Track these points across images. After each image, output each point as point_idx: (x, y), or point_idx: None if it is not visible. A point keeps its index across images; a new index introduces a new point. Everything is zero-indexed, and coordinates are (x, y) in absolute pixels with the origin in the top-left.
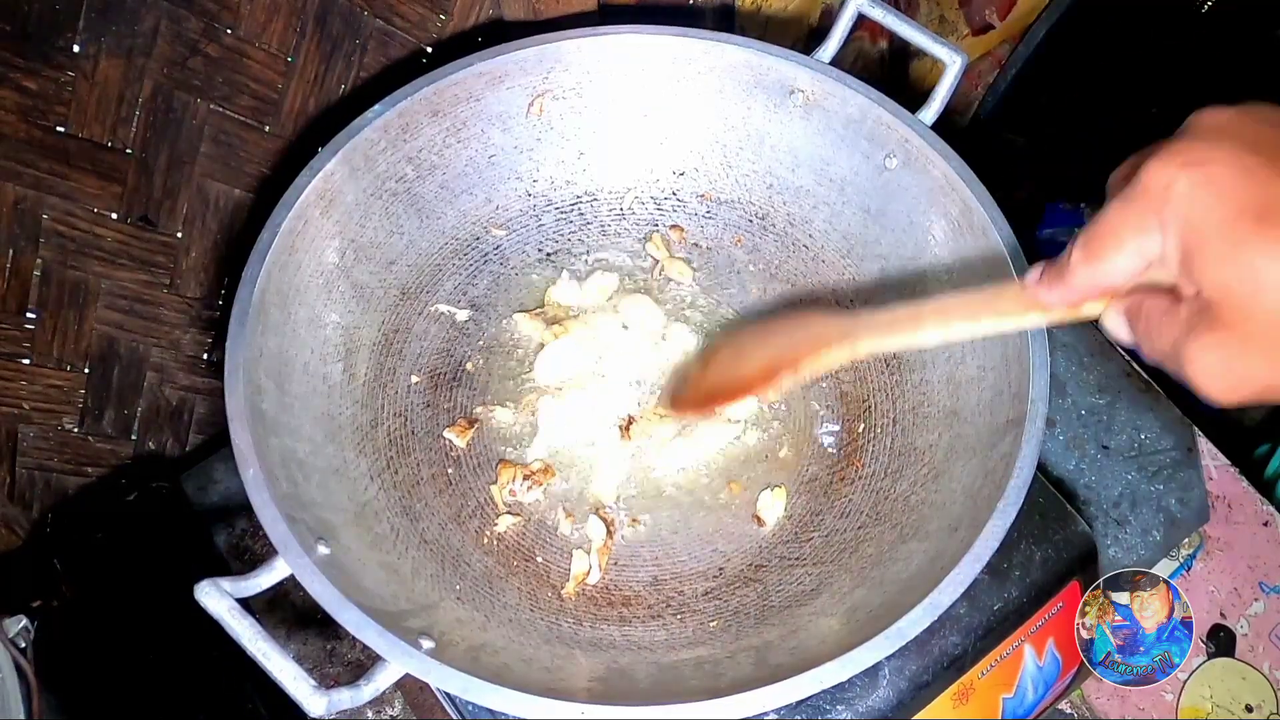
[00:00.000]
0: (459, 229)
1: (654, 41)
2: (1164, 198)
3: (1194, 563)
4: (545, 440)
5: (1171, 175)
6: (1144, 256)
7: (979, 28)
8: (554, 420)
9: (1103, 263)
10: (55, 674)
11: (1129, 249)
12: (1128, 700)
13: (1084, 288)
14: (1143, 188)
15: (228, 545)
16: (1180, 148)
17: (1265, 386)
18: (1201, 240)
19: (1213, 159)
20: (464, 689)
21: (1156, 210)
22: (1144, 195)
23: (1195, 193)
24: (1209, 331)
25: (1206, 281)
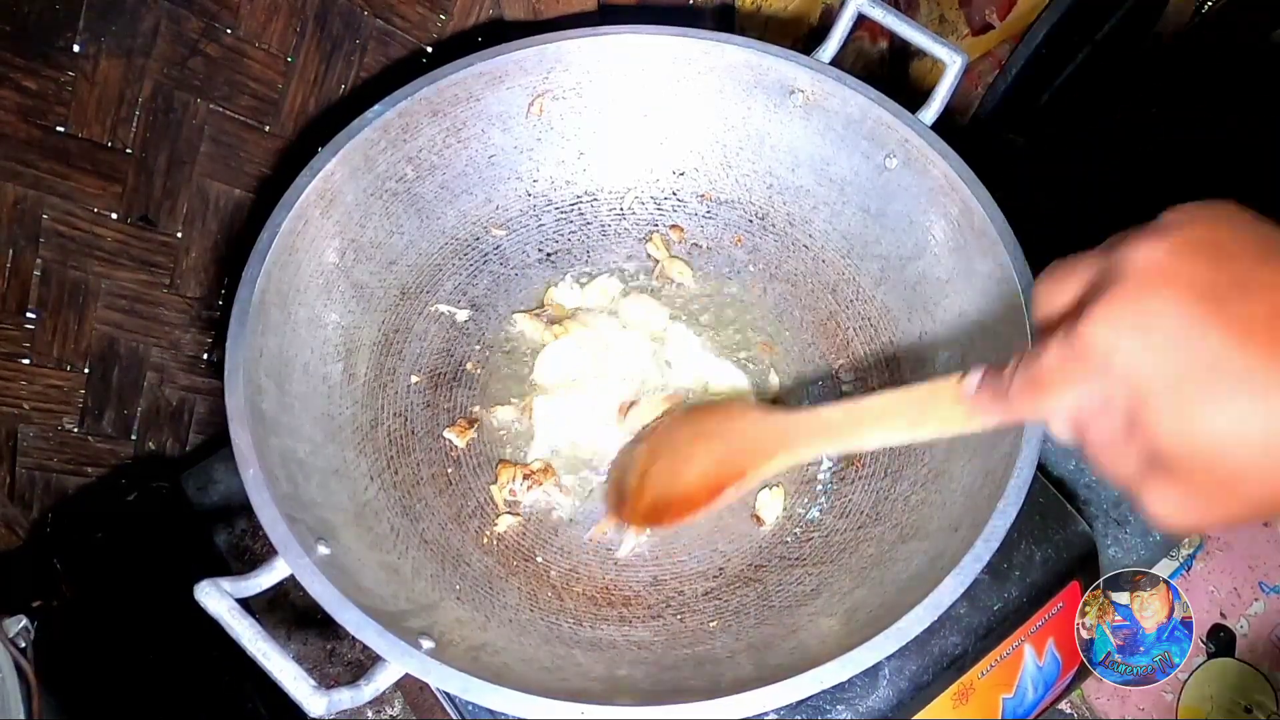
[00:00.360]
0: (459, 229)
1: (654, 41)
2: (1108, 360)
3: (1194, 563)
4: (545, 440)
5: (1115, 338)
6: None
7: (979, 28)
8: (552, 420)
9: (1044, 401)
10: (55, 674)
11: (1071, 395)
12: (1128, 700)
13: (1024, 415)
14: (1086, 344)
15: (228, 545)
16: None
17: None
18: (1148, 402)
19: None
20: (464, 689)
21: (1100, 369)
22: (1088, 353)
23: (1141, 356)
24: (1164, 482)
25: (1159, 440)
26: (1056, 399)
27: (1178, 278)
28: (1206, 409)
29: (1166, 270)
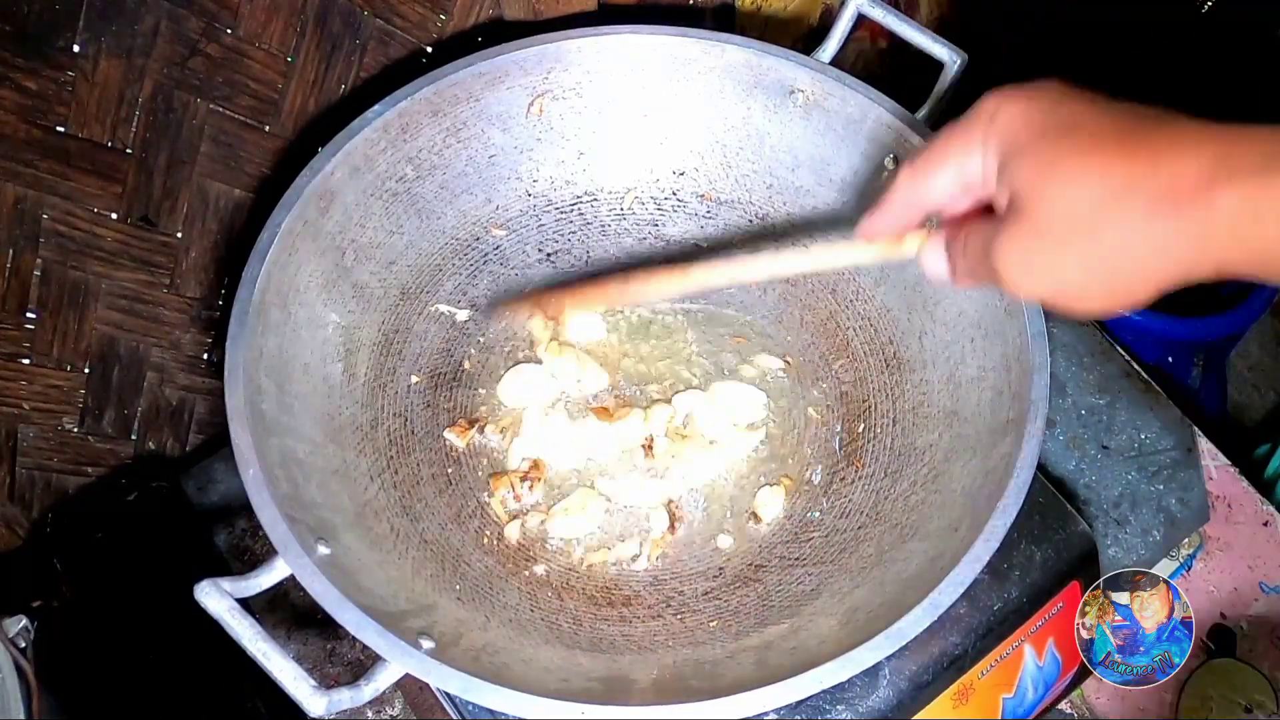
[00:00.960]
0: (459, 229)
1: (654, 41)
2: (989, 119)
3: (1194, 563)
4: (527, 448)
5: (999, 101)
6: (963, 175)
7: None
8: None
9: (925, 180)
10: (55, 674)
11: (950, 166)
12: (1128, 700)
13: (905, 208)
14: (974, 113)
15: (228, 545)
16: (1013, 86)
17: (1061, 281)
18: (1016, 149)
19: (1038, 90)
20: (464, 689)
21: (981, 130)
22: (972, 119)
23: (1016, 113)
24: (1014, 226)
25: (1015, 182)
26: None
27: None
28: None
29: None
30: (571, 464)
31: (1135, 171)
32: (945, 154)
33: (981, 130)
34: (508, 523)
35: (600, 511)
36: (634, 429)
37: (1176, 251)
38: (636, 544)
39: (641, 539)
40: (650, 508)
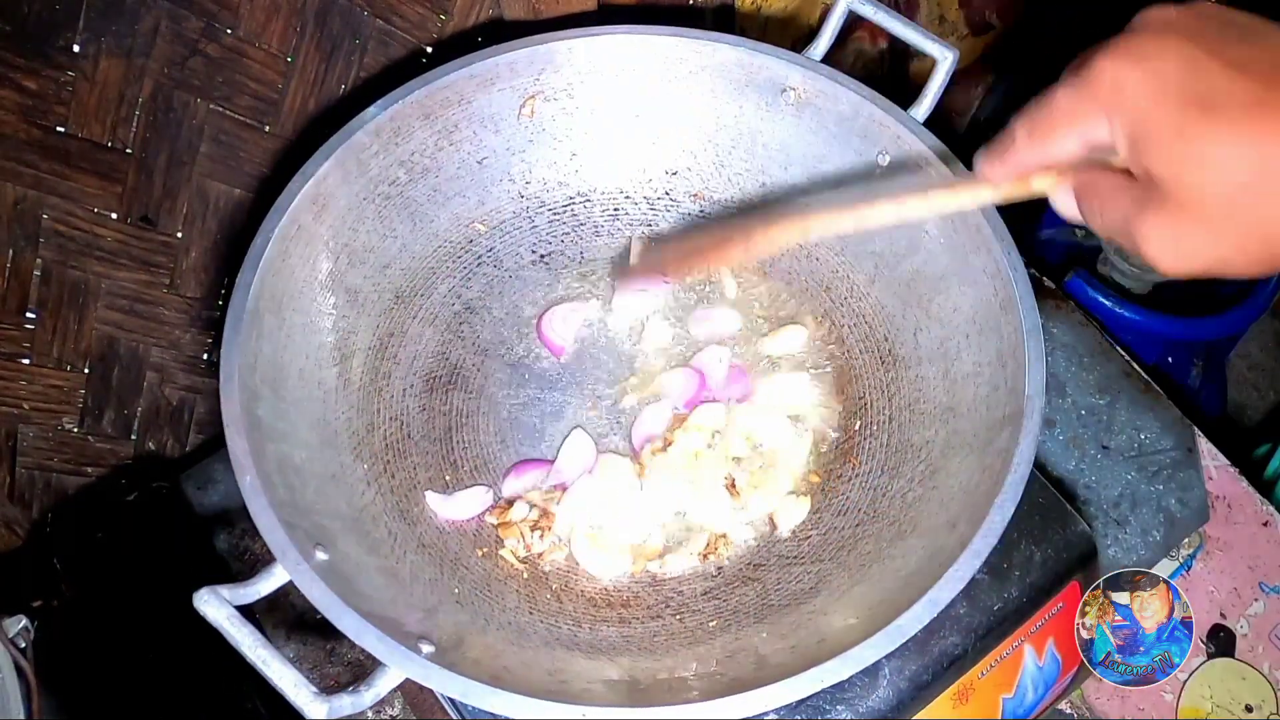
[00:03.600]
0: (452, 232)
1: (645, 41)
2: (1112, 90)
3: (1194, 563)
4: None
5: (1119, 69)
6: (1088, 141)
7: (979, 28)
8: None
9: (1048, 143)
10: (55, 674)
11: (1074, 132)
12: (1128, 700)
13: (1028, 164)
14: (1091, 79)
15: (228, 545)
16: (1128, 42)
17: (1213, 259)
18: (1149, 130)
19: (1159, 53)
20: (464, 693)
21: (1104, 102)
22: (1092, 86)
23: (1142, 86)
24: (1159, 210)
25: (1156, 167)
26: (1061, 139)
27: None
28: (1204, 130)
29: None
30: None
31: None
32: (1065, 119)
33: (1104, 101)
34: (521, 572)
35: (626, 550)
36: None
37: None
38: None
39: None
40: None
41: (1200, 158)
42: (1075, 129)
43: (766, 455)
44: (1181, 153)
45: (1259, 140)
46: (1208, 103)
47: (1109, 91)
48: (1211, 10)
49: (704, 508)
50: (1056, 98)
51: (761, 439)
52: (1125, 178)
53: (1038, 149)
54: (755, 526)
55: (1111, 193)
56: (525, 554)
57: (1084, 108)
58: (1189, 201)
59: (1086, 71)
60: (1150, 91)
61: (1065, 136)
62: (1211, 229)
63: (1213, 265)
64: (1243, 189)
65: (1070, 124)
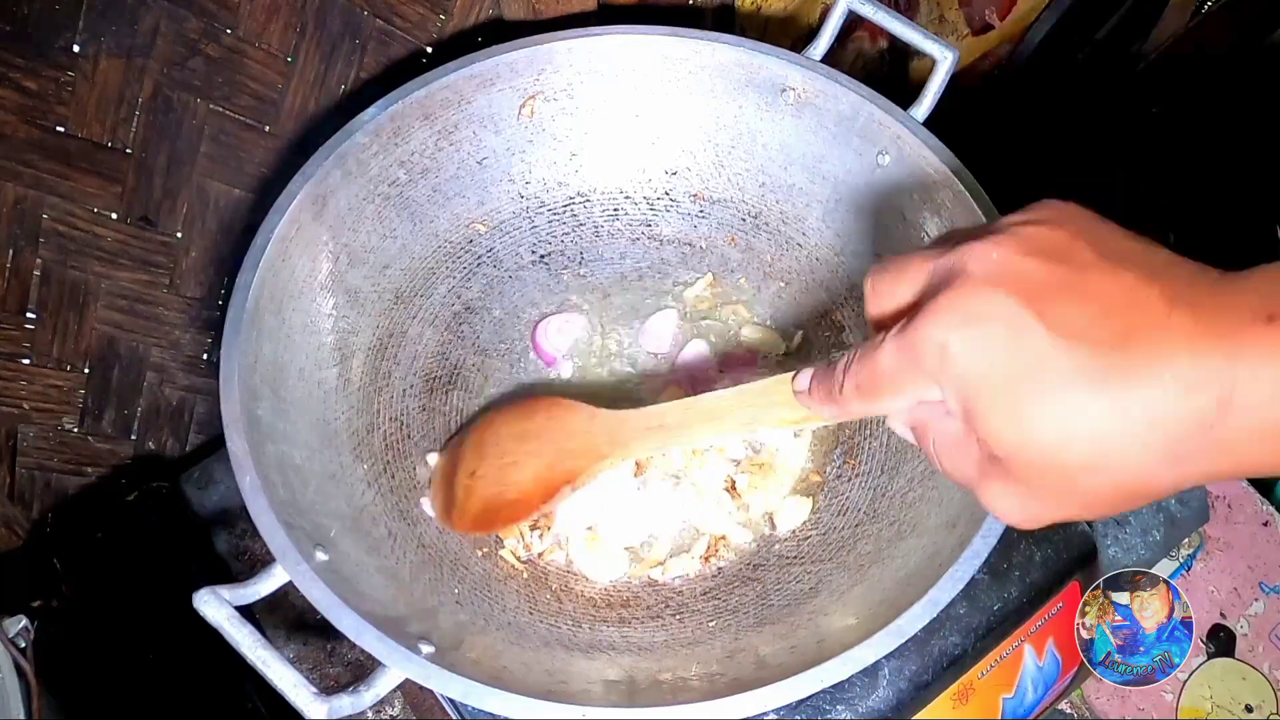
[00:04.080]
0: (452, 232)
1: (645, 41)
2: (940, 358)
3: (1194, 563)
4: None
5: (946, 336)
6: (920, 399)
7: (979, 28)
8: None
9: (877, 402)
10: (55, 674)
11: (906, 394)
12: (1128, 700)
13: (858, 413)
14: (919, 343)
15: (228, 545)
16: (953, 302)
17: (1063, 517)
18: (980, 403)
19: (985, 316)
20: (464, 693)
21: (933, 370)
22: (920, 351)
23: (968, 358)
24: (1000, 480)
25: (991, 440)
26: (890, 400)
27: (1011, 279)
28: (1034, 410)
29: (1001, 271)
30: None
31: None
32: (893, 383)
33: (931, 370)
34: (520, 572)
35: (624, 553)
36: (714, 472)
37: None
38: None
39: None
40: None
41: (1032, 435)
42: (904, 392)
43: (765, 456)
44: (1014, 430)
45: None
46: (1034, 376)
47: (936, 360)
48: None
49: (704, 510)
50: (882, 360)
51: (760, 440)
52: (966, 429)
53: (867, 405)
54: (755, 528)
55: (954, 445)
56: (526, 554)
57: (912, 373)
58: (1028, 475)
59: (913, 335)
60: (977, 365)
61: (894, 398)
62: (1056, 496)
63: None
64: (1084, 461)
65: (899, 387)
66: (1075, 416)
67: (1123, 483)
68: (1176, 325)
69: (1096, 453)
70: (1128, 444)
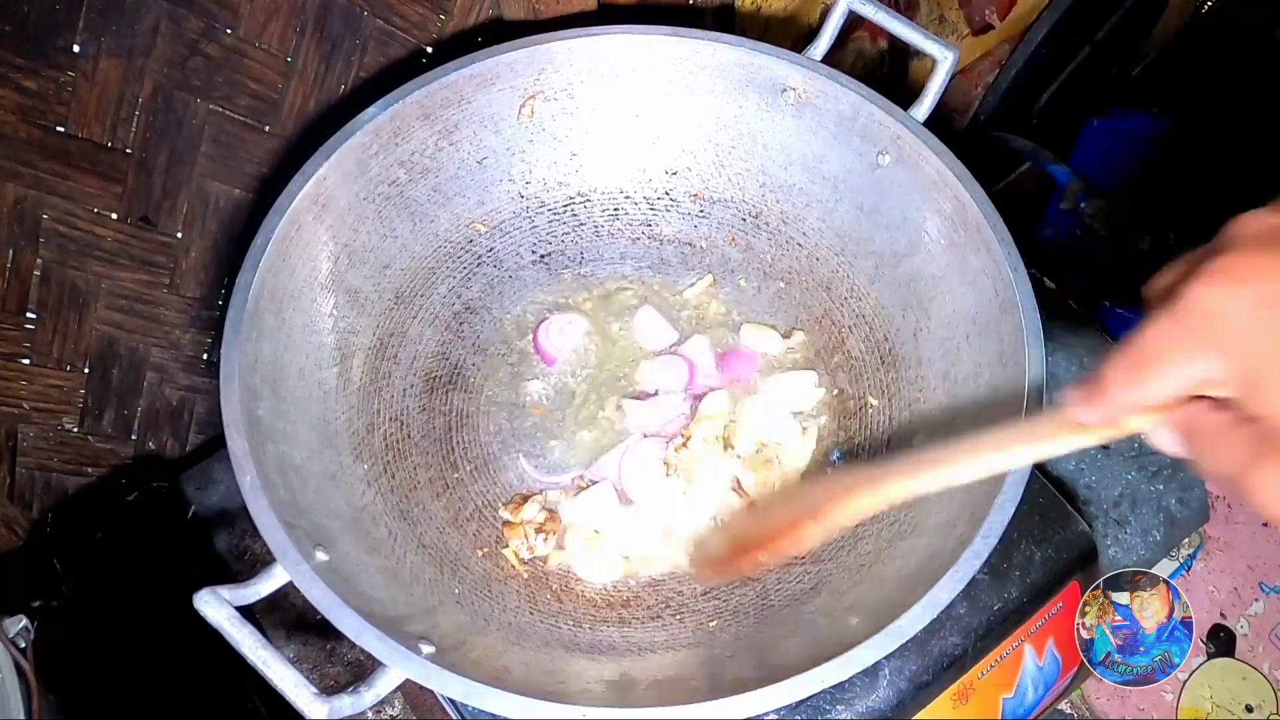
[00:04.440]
0: (452, 232)
1: (645, 41)
2: (1217, 321)
3: (1194, 563)
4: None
5: (1223, 297)
6: (1193, 379)
7: (979, 28)
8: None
9: (1146, 385)
10: (55, 674)
11: (1177, 372)
12: (1128, 700)
13: (1125, 407)
14: (1191, 309)
15: (228, 545)
16: (1225, 265)
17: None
18: (1267, 370)
19: (1263, 276)
20: (465, 693)
21: (1209, 335)
22: (1193, 317)
23: (1254, 316)
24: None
25: (1269, 402)
26: (1160, 376)
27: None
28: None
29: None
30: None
31: None
32: (1163, 359)
33: (1207, 336)
34: (520, 573)
35: (619, 558)
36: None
37: None
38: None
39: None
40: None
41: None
42: (1175, 369)
43: (770, 452)
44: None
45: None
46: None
47: (1211, 325)
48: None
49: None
50: (1150, 335)
51: (767, 437)
52: (1237, 416)
53: (1133, 392)
54: None
55: (1224, 434)
56: (529, 555)
57: (1184, 345)
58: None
59: (1181, 303)
60: (1261, 324)
61: (1164, 376)
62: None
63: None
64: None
65: (1169, 364)
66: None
67: None
68: None
69: None
70: None
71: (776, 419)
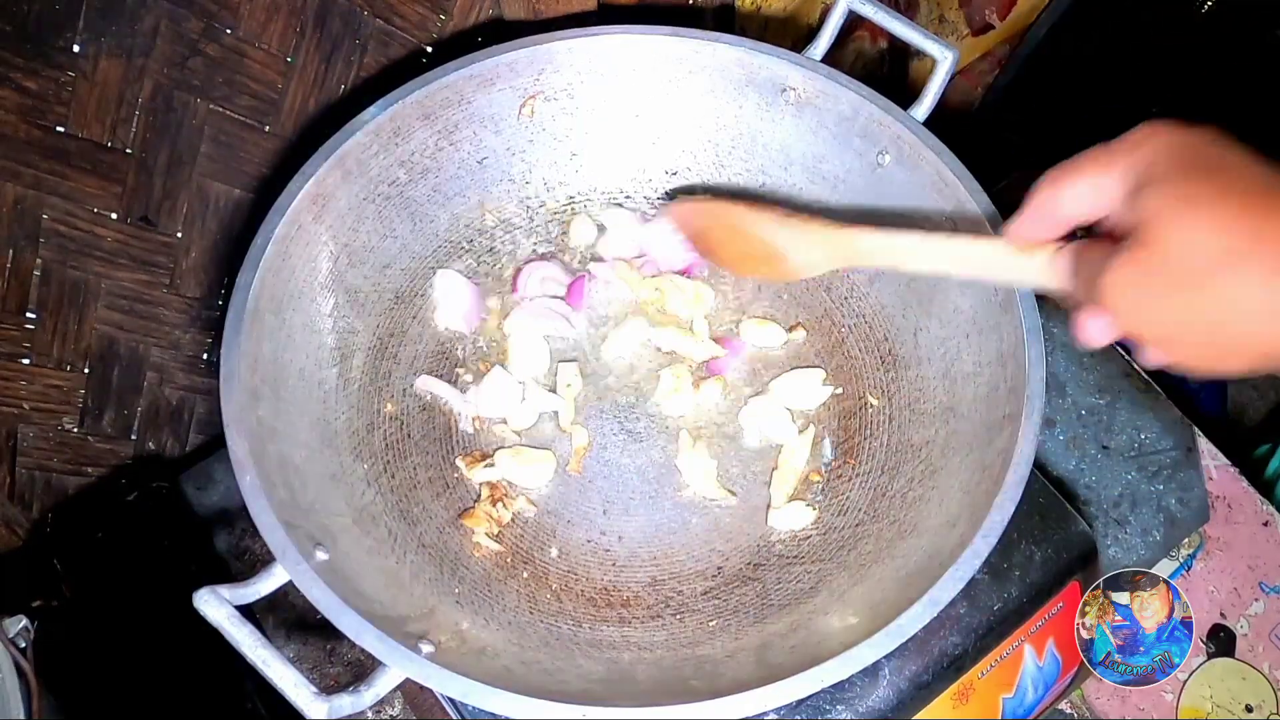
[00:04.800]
0: (452, 232)
1: (645, 41)
2: (1135, 144)
3: (1194, 563)
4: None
5: (1151, 130)
6: (1098, 191)
7: (979, 28)
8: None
9: (1059, 189)
10: (55, 674)
11: (1086, 179)
12: (1128, 700)
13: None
14: (1127, 135)
15: (228, 545)
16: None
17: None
18: (1151, 177)
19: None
20: (465, 693)
21: (1125, 152)
22: (1121, 140)
23: (1163, 143)
24: (1130, 254)
25: (1143, 211)
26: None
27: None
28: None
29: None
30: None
31: (1265, 229)
32: (1083, 167)
33: (1126, 152)
34: (494, 548)
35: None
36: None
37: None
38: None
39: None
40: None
41: (1183, 213)
42: (1088, 177)
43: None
44: (1170, 204)
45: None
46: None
47: (1133, 145)
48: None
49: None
50: (1083, 152)
51: (769, 436)
52: (1109, 242)
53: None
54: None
55: (1094, 253)
56: (498, 529)
57: (1104, 158)
58: (1158, 254)
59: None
60: (1169, 147)
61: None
62: (1170, 290)
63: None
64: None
65: (1084, 172)
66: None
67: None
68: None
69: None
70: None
71: (776, 419)
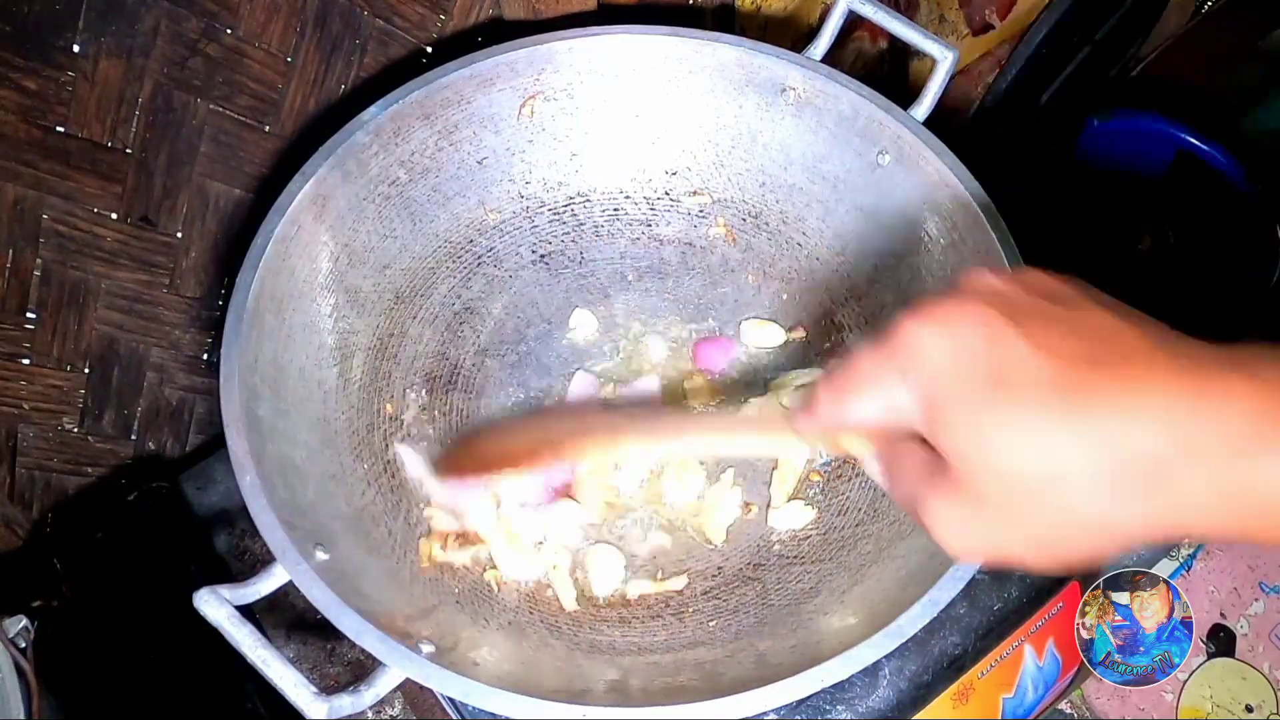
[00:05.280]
0: (452, 232)
1: (645, 41)
2: (909, 354)
3: (1194, 563)
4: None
5: (921, 333)
6: (888, 405)
7: (979, 28)
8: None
9: (846, 403)
10: (55, 674)
11: (871, 396)
12: (1128, 700)
13: (830, 423)
14: (893, 341)
15: (228, 545)
16: (937, 306)
17: (998, 547)
18: (940, 402)
19: (965, 320)
20: (465, 693)
21: (901, 366)
22: (892, 348)
23: (941, 354)
24: (946, 488)
25: (945, 443)
26: (856, 398)
27: (1000, 300)
28: (996, 417)
29: (993, 293)
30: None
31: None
32: (863, 381)
33: (902, 365)
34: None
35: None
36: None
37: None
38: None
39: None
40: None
41: (988, 441)
42: (872, 392)
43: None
44: (970, 433)
45: (1048, 429)
46: (1002, 381)
47: (908, 356)
48: (1037, 282)
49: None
50: (858, 358)
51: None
52: (925, 449)
53: (838, 409)
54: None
55: (909, 462)
56: (442, 556)
57: (881, 370)
58: (974, 485)
59: (890, 333)
60: (948, 361)
61: (865, 398)
62: (996, 516)
63: (999, 554)
64: (1026, 480)
65: (866, 386)
66: (1035, 429)
67: (1068, 509)
68: (1153, 361)
69: (1048, 473)
70: (1082, 466)
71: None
